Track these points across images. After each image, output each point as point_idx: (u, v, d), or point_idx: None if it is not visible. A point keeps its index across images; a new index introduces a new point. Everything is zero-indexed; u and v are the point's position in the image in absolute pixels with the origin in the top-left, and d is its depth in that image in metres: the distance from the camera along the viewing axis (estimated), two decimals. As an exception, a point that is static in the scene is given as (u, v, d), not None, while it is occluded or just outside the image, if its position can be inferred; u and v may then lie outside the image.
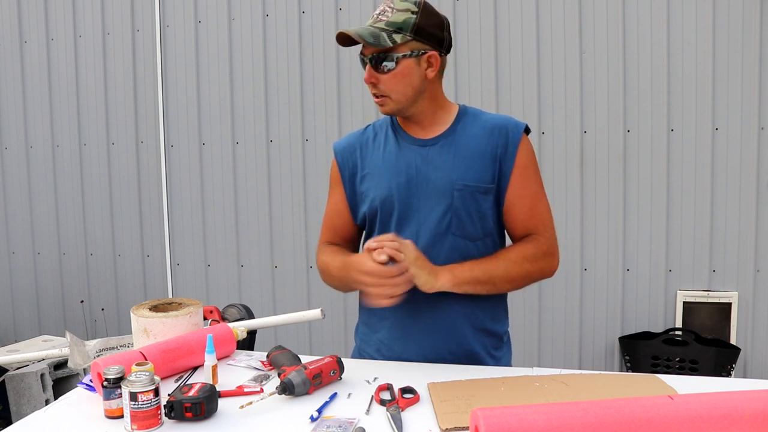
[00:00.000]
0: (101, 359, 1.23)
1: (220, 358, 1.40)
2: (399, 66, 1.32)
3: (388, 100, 1.36)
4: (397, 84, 1.34)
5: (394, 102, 1.36)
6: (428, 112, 1.40)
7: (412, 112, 1.39)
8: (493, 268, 1.35)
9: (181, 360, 1.35)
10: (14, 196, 3.66)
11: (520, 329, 3.01)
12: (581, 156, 2.94)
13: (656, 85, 2.85)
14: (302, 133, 3.21)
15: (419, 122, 1.42)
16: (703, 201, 2.85)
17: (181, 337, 1.39)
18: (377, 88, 1.35)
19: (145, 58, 3.37)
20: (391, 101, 1.36)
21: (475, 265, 1.34)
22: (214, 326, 1.54)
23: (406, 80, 1.34)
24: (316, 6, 3.14)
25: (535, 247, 1.39)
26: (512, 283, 1.38)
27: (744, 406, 0.93)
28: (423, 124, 1.42)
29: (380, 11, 1.33)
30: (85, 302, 3.58)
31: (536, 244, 1.40)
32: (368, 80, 1.34)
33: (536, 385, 1.22)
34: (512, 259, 1.36)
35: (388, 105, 1.37)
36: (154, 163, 3.41)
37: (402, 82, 1.34)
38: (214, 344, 1.29)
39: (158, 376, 1.13)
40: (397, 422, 1.09)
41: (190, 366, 1.37)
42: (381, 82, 1.34)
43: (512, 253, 1.38)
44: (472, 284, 1.33)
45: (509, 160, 1.38)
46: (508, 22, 2.96)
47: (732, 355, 2.74)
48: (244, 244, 3.34)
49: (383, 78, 1.33)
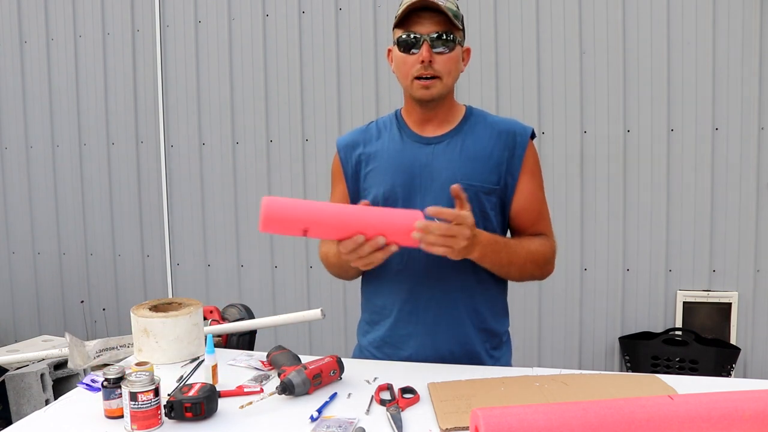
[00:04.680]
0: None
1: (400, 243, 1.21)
2: (455, 50, 1.34)
3: (438, 83, 1.33)
4: (450, 67, 1.34)
5: (444, 85, 1.35)
6: (445, 107, 1.41)
7: (438, 104, 1.39)
8: (516, 255, 1.35)
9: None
10: (14, 196, 3.66)
11: (520, 329, 3.01)
12: (581, 156, 2.94)
13: (656, 85, 2.85)
14: (302, 133, 3.21)
15: (432, 118, 1.41)
16: (703, 201, 2.85)
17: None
18: (432, 68, 1.32)
19: (145, 58, 3.37)
20: (440, 83, 1.34)
21: (504, 247, 1.33)
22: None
23: (456, 66, 1.36)
24: (316, 6, 3.14)
25: (549, 247, 1.42)
26: (521, 274, 1.40)
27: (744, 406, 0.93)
28: (434, 121, 1.42)
29: None
30: (86, 302, 3.58)
31: (550, 244, 1.43)
32: (427, 57, 1.30)
33: (536, 385, 1.22)
34: (532, 251, 1.38)
35: (436, 87, 1.34)
36: (154, 163, 3.41)
37: (454, 66, 1.35)
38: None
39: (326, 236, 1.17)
40: (397, 422, 1.09)
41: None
42: (436, 61, 1.32)
43: (533, 245, 1.39)
44: (492, 264, 1.33)
45: (516, 164, 1.39)
46: (508, 22, 2.96)
47: (732, 355, 2.74)
48: (244, 244, 3.34)
49: (439, 58, 1.32)
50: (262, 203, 1.16)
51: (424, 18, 1.31)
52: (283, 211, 1.17)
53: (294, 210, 1.17)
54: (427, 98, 1.36)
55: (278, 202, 1.17)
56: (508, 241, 1.37)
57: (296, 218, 1.17)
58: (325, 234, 1.21)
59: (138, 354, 1.47)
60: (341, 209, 1.24)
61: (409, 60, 1.33)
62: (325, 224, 1.18)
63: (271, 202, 1.16)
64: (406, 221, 1.18)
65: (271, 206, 1.16)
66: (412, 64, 1.33)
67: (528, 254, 1.37)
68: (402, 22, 1.33)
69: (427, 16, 1.30)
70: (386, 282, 1.44)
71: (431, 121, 1.42)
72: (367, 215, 1.20)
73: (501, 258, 1.33)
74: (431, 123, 1.42)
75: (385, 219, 1.19)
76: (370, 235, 1.18)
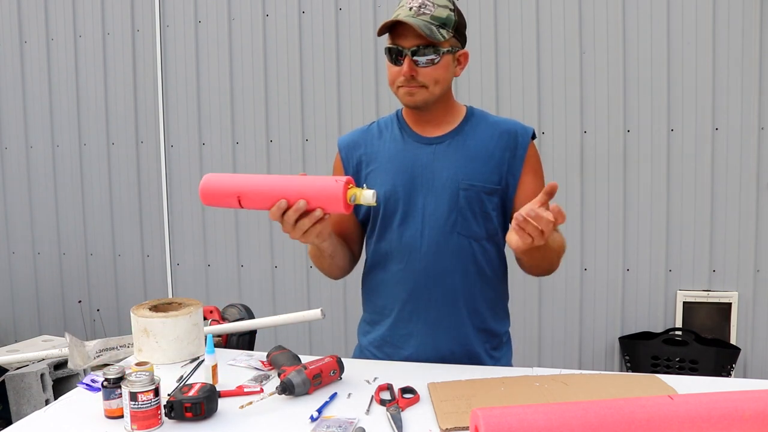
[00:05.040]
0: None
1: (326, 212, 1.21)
2: (440, 61, 1.33)
3: (423, 91, 1.34)
4: (436, 77, 1.33)
5: (429, 93, 1.35)
6: (442, 109, 1.41)
7: (432, 108, 1.39)
8: (552, 249, 1.32)
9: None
10: (14, 196, 3.66)
11: (520, 329, 3.01)
12: (581, 156, 2.94)
13: (656, 85, 2.85)
14: (302, 133, 3.21)
15: (431, 120, 1.42)
16: (703, 201, 2.85)
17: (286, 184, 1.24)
18: (414, 80, 1.33)
19: (145, 58, 3.37)
20: (425, 92, 1.34)
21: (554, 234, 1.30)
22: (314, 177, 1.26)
23: (444, 73, 1.35)
24: (316, 6, 3.14)
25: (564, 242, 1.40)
26: (550, 263, 1.37)
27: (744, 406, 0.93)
28: (434, 122, 1.42)
29: (419, 4, 1.31)
30: (86, 302, 3.58)
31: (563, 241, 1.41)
32: (408, 73, 1.31)
33: (536, 385, 1.22)
34: (559, 243, 1.35)
35: (420, 95, 1.34)
36: (154, 163, 3.41)
37: (441, 75, 1.34)
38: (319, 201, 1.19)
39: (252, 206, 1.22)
40: (397, 422, 1.09)
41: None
42: (419, 74, 1.32)
43: (559, 237, 1.36)
44: (543, 249, 1.25)
45: (517, 164, 1.39)
46: (508, 22, 2.96)
47: (732, 355, 2.74)
48: (244, 244, 3.34)
49: (422, 71, 1.32)
50: (201, 180, 1.27)
51: (407, 30, 1.31)
52: (218, 183, 1.26)
53: (227, 181, 1.27)
54: (411, 105, 1.37)
55: (214, 177, 1.28)
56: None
57: (229, 188, 1.25)
58: (257, 203, 1.24)
59: (138, 354, 1.47)
60: (268, 177, 1.29)
61: (394, 70, 1.34)
62: (254, 192, 1.23)
63: (207, 177, 1.28)
64: (327, 185, 1.18)
65: (208, 180, 1.27)
66: (397, 74, 1.34)
67: (557, 246, 1.35)
68: (390, 29, 1.33)
69: (410, 29, 1.30)
70: (387, 282, 1.44)
71: (430, 122, 1.42)
72: (292, 181, 1.22)
73: (549, 242, 1.25)
74: (430, 124, 1.42)
75: (309, 185, 1.20)
76: (292, 201, 1.18)
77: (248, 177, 1.28)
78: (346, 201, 1.17)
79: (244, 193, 1.23)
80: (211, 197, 1.26)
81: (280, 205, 1.18)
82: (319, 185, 1.19)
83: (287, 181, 1.22)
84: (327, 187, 1.18)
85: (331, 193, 1.17)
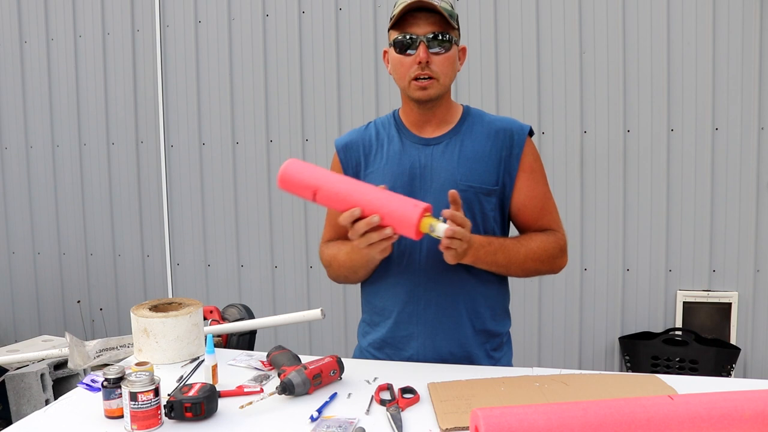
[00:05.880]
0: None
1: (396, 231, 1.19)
2: (452, 50, 1.33)
3: (436, 83, 1.33)
4: (447, 67, 1.33)
5: (441, 85, 1.34)
6: (444, 107, 1.41)
7: (436, 105, 1.39)
8: (515, 255, 1.35)
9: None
10: (14, 196, 3.66)
11: (520, 329, 3.01)
12: (581, 156, 2.94)
13: (656, 85, 2.85)
14: (302, 133, 3.21)
15: (431, 119, 1.41)
16: (703, 201, 2.85)
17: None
18: (429, 69, 1.32)
19: (145, 58, 3.37)
20: (438, 84, 1.34)
21: (500, 249, 1.33)
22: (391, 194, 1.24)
23: (453, 65, 1.35)
24: (316, 6, 3.14)
25: (554, 242, 1.41)
26: (525, 271, 1.40)
27: (744, 406, 0.93)
28: (433, 122, 1.41)
29: None
30: (86, 302, 3.58)
31: (555, 239, 1.42)
32: (424, 59, 1.30)
33: (536, 385, 1.22)
34: (533, 249, 1.37)
35: (434, 88, 1.34)
36: (154, 163, 3.41)
37: (451, 67, 1.34)
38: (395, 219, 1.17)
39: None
40: (397, 422, 1.09)
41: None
42: (433, 62, 1.32)
43: (534, 243, 1.38)
44: (488, 265, 1.34)
45: (514, 163, 1.39)
46: (508, 22, 2.96)
47: (732, 355, 2.74)
48: (244, 244, 3.34)
49: (436, 59, 1.32)
50: (284, 163, 1.28)
51: (419, 18, 1.30)
52: (299, 172, 1.26)
53: (308, 172, 1.27)
54: (424, 99, 1.35)
55: (297, 163, 1.28)
56: (504, 242, 1.36)
57: (309, 180, 1.25)
58: (331, 202, 1.24)
59: (138, 354, 1.47)
60: (351, 181, 1.27)
61: (406, 61, 1.33)
62: (332, 191, 1.23)
63: (290, 162, 1.28)
64: (404, 208, 1.17)
65: (290, 165, 1.28)
66: (409, 66, 1.33)
67: (529, 252, 1.37)
68: (398, 23, 1.33)
69: (423, 17, 1.30)
70: (386, 283, 1.44)
71: (430, 121, 1.42)
72: (373, 193, 1.21)
73: (497, 259, 1.33)
74: (429, 124, 1.42)
75: (386, 201, 1.19)
76: (367, 213, 1.18)
77: (329, 175, 1.28)
78: (418, 228, 1.15)
79: (322, 189, 1.23)
80: (288, 182, 1.27)
81: (353, 213, 1.18)
82: (396, 204, 1.18)
83: (366, 190, 1.22)
84: (403, 209, 1.17)
85: (406, 217, 1.16)
